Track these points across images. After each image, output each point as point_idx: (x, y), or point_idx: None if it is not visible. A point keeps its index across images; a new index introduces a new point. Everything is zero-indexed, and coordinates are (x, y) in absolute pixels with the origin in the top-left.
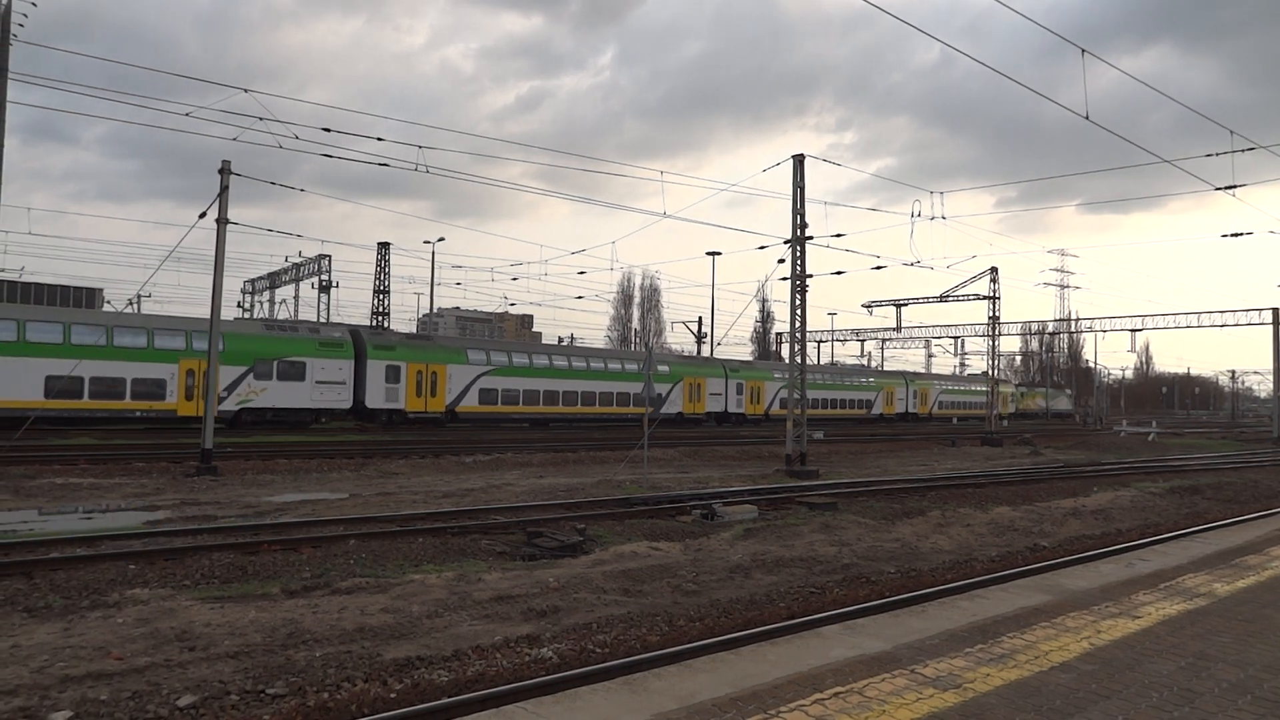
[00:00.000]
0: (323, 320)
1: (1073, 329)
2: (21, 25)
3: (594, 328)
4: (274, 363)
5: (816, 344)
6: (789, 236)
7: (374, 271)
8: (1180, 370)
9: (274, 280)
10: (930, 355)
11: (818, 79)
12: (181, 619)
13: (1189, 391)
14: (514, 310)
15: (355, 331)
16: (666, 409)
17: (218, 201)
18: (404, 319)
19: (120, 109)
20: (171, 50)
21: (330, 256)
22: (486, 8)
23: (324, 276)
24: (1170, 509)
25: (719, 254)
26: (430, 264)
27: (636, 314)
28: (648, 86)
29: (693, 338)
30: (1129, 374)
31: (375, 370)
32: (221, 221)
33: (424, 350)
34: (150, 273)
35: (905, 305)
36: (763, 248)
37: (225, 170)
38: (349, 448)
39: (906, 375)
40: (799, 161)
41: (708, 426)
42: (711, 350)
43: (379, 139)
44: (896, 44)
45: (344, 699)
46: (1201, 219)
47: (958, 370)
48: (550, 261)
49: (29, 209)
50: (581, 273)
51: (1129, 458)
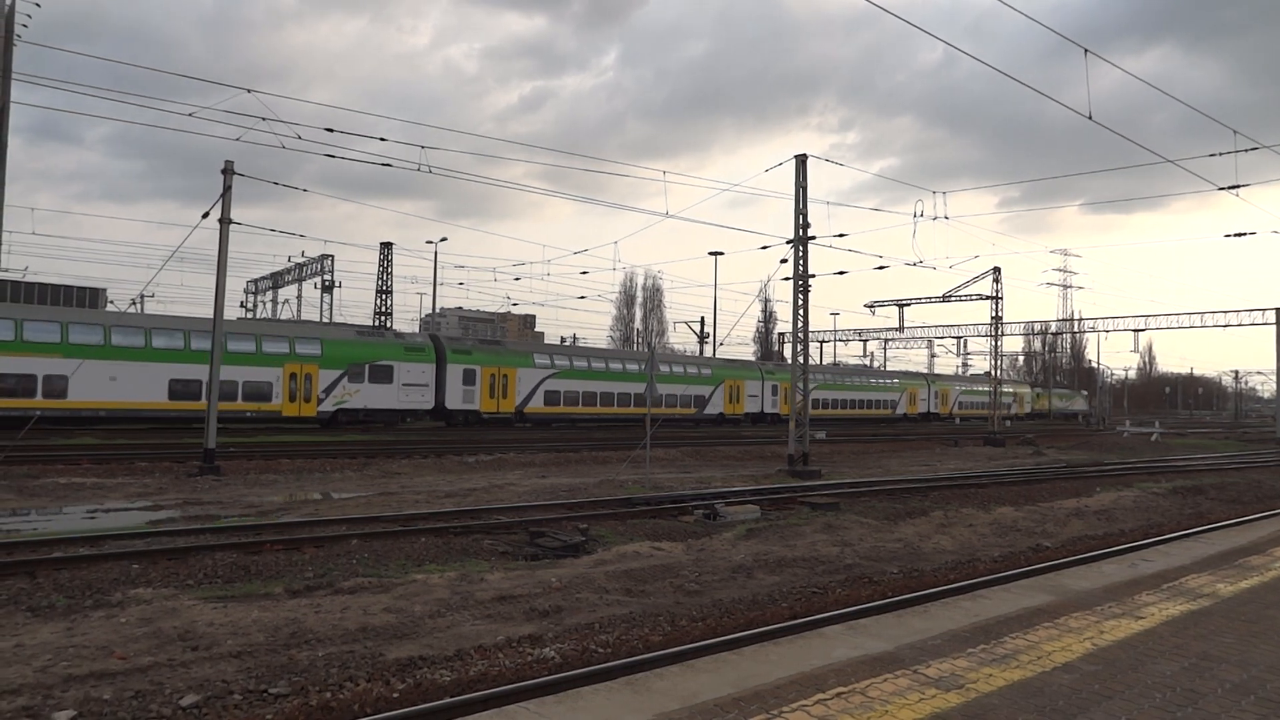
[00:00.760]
0: (326, 320)
1: (1075, 329)
2: (25, 26)
3: (596, 328)
4: (365, 366)
5: (819, 344)
6: (791, 236)
7: (377, 271)
8: (1183, 370)
9: (277, 280)
10: (933, 355)
11: (821, 79)
12: (184, 618)
13: (1192, 392)
14: (516, 310)
15: (435, 337)
16: (709, 410)
17: (221, 201)
18: (407, 319)
19: (124, 109)
20: (175, 51)
21: (333, 256)
22: (490, 8)
23: (327, 276)
24: (1173, 509)
25: (721, 254)
26: (433, 264)
27: (639, 314)
28: (651, 87)
29: (695, 338)
30: (1132, 374)
31: (454, 373)
32: (225, 221)
33: (496, 354)
34: (153, 272)
35: (908, 305)
36: (765, 248)
37: (228, 170)
38: (351, 448)
39: (928, 377)
40: (801, 161)
41: (745, 426)
42: (715, 350)
43: (382, 139)
44: (899, 44)
45: (347, 699)
46: (1205, 219)
47: (960, 371)
48: (553, 261)
49: (33, 209)
50: (584, 273)
51: (1132, 458)
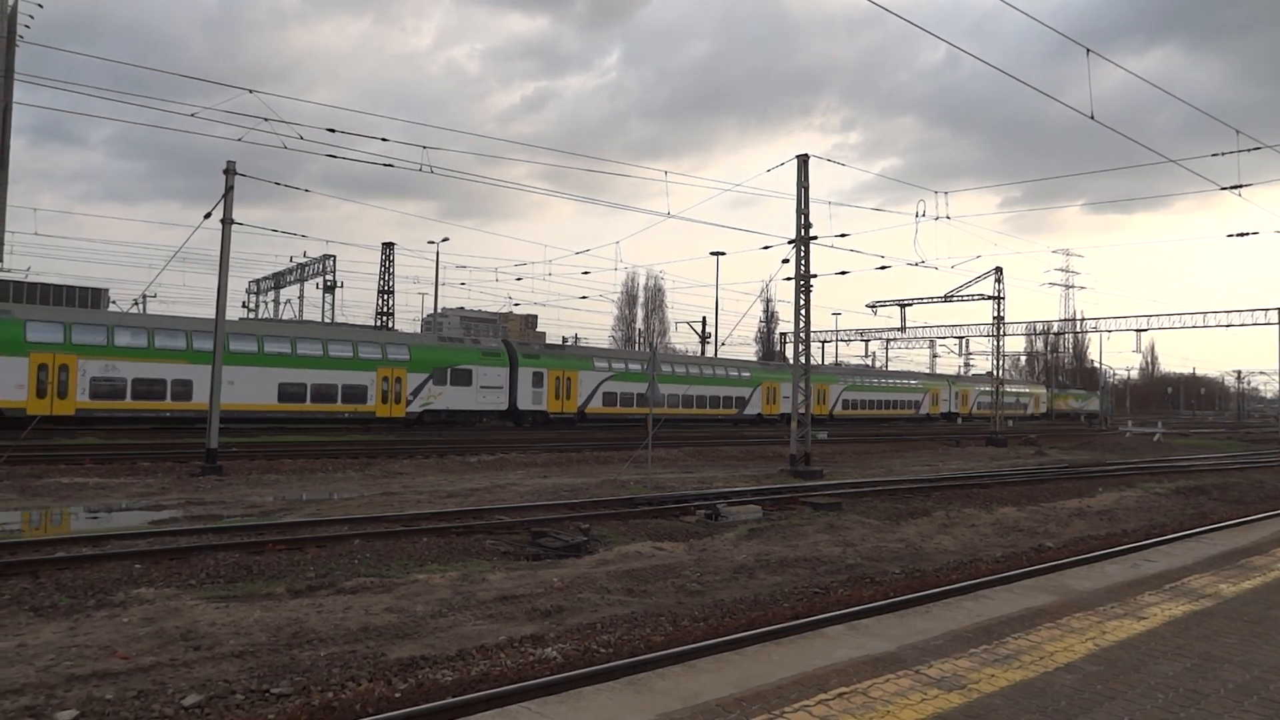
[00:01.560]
0: (328, 320)
1: (1078, 329)
2: (28, 27)
3: (598, 328)
4: (448, 370)
5: (821, 344)
6: (793, 236)
7: (378, 271)
8: (1186, 370)
9: (279, 280)
10: (935, 355)
11: (823, 79)
12: (187, 618)
13: (1194, 392)
14: (518, 310)
15: (507, 342)
16: (749, 410)
17: (223, 202)
18: (408, 319)
19: (126, 110)
20: (178, 51)
21: (335, 257)
22: (492, 9)
23: (329, 277)
24: (1176, 509)
25: (723, 254)
26: (435, 264)
27: (641, 314)
28: (653, 87)
29: (696, 338)
30: (1134, 374)
31: (525, 376)
32: (226, 222)
33: (560, 358)
34: (156, 273)
35: (910, 305)
36: (767, 248)
37: (230, 171)
38: (354, 448)
39: (949, 378)
40: (803, 161)
41: (780, 426)
42: (716, 350)
43: (384, 139)
44: (902, 44)
45: (349, 698)
46: (1207, 219)
47: (962, 371)
48: (555, 262)
49: (35, 210)
50: (586, 273)
51: (1134, 458)
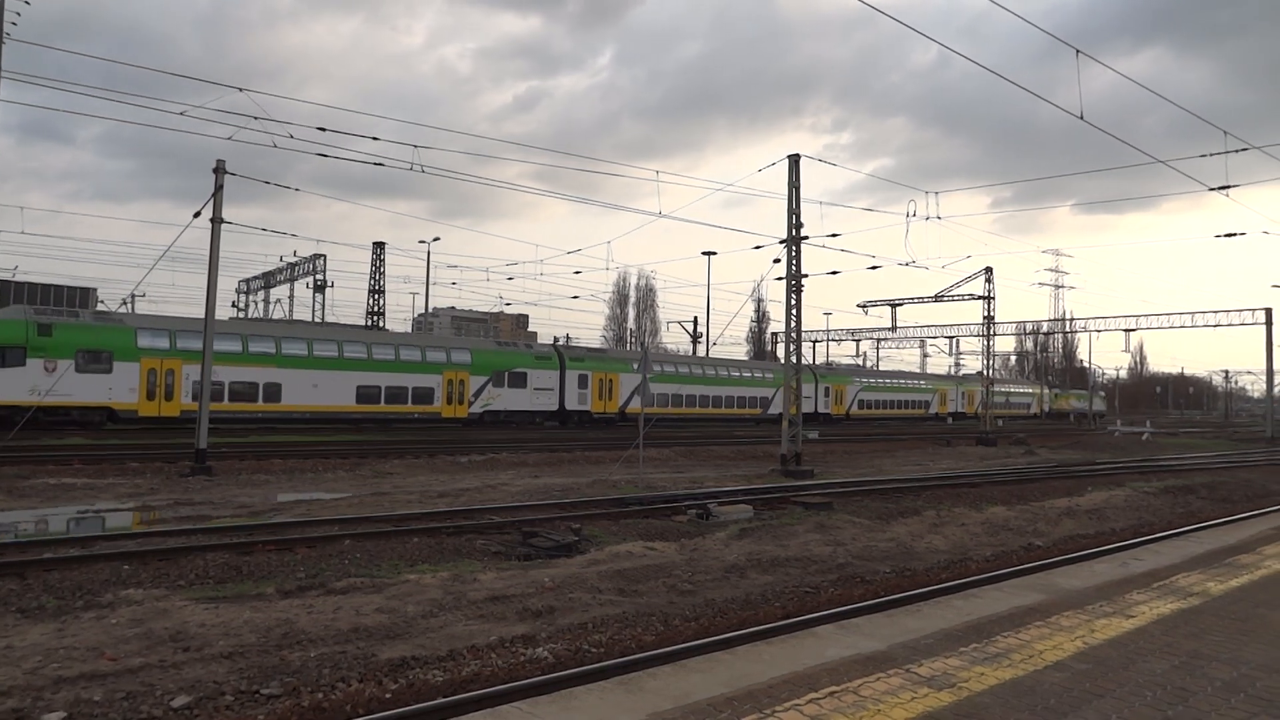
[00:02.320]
0: (318, 320)
1: (1067, 329)
2: (14, 24)
3: (590, 327)
4: (505, 373)
5: (812, 344)
6: (784, 236)
7: (369, 271)
8: (1174, 370)
9: (269, 280)
10: (925, 355)
11: (815, 80)
12: (176, 619)
13: (1183, 391)
14: (509, 310)
15: (556, 347)
16: (772, 410)
17: (212, 201)
18: (399, 319)
19: (116, 108)
20: (170, 50)
21: (325, 256)
22: (484, 8)
23: (319, 276)
24: (1164, 508)
25: (714, 254)
26: (426, 264)
27: (632, 314)
28: (646, 87)
29: (688, 338)
30: (1123, 374)
31: (572, 379)
32: (216, 221)
33: (603, 361)
34: (144, 272)
35: (900, 305)
36: (758, 248)
37: (220, 170)
38: (343, 448)
39: (957, 379)
40: (794, 161)
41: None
42: (708, 350)
43: (375, 138)
44: (894, 45)
45: (339, 699)
46: (1196, 219)
47: (953, 370)
48: (546, 261)
49: (23, 209)
50: (577, 272)
51: (1123, 457)
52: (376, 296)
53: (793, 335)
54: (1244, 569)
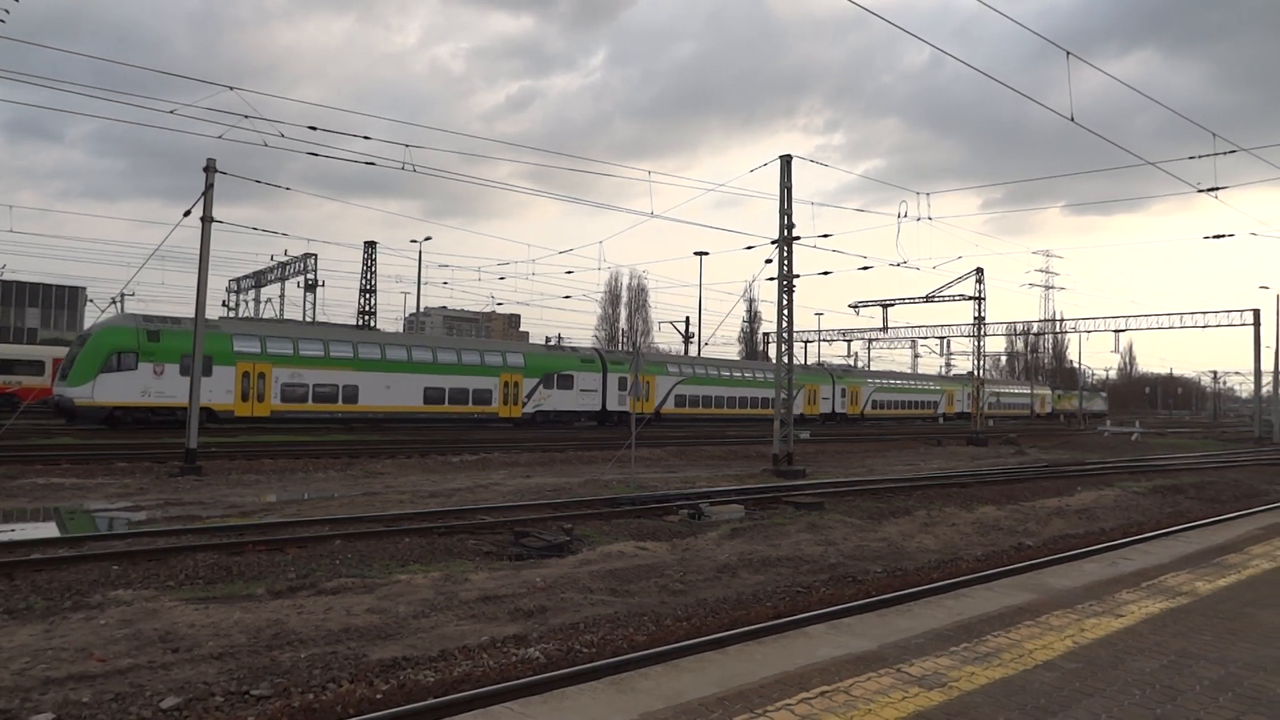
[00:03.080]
0: (309, 320)
1: (1057, 329)
2: (2, 21)
3: (582, 327)
4: (554, 375)
5: (804, 344)
6: (776, 237)
7: (360, 270)
8: (1163, 371)
9: (259, 279)
10: (916, 356)
11: (808, 81)
12: (165, 620)
13: (1172, 392)
14: (501, 310)
15: (597, 350)
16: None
17: (203, 199)
18: (391, 318)
19: (107, 107)
20: (162, 48)
21: (316, 255)
22: (477, 8)
23: (310, 275)
24: (1153, 508)
25: (706, 254)
26: (418, 263)
27: (624, 314)
28: (639, 87)
29: (679, 338)
30: (1113, 374)
31: (613, 381)
32: (206, 220)
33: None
34: (134, 271)
35: (892, 306)
36: (750, 248)
37: (210, 168)
38: (335, 448)
39: (963, 379)
40: (786, 162)
41: (819, 425)
42: (700, 350)
43: (367, 138)
44: (887, 47)
45: (329, 700)
46: (1184, 221)
47: (943, 371)
48: (538, 261)
49: (12, 207)
50: (569, 272)
51: (1112, 457)
52: (368, 296)
53: (784, 335)
54: (1232, 568)
